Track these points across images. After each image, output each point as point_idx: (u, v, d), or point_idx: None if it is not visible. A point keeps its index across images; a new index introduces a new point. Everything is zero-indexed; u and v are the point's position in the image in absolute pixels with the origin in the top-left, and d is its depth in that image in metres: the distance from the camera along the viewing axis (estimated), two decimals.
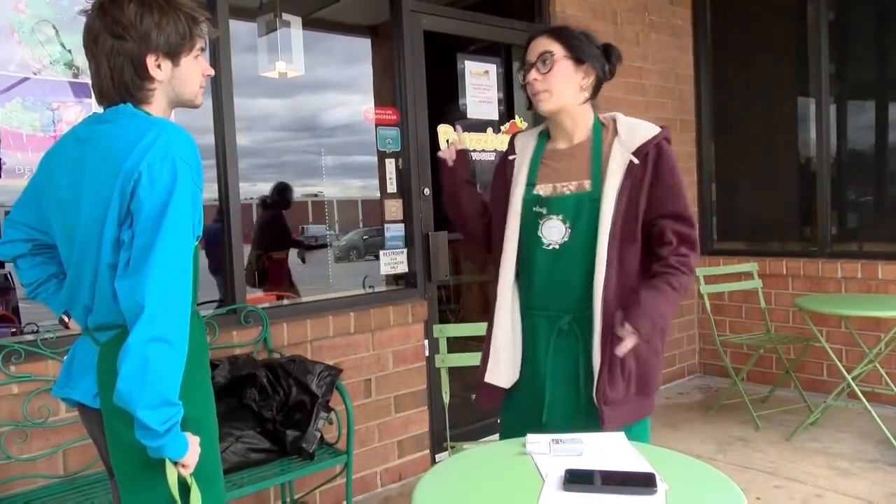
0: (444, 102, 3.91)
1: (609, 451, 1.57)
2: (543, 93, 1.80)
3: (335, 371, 2.74)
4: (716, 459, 3.58)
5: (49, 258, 1.63)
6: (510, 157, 1.95)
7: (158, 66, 1.45)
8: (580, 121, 1.85)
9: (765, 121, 5.04)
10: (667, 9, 4.91)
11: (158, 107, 1.49)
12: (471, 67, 3.92)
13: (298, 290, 4.26)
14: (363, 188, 4.11)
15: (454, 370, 2.80)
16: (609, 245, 1.73)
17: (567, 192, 1.81)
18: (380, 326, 3.36)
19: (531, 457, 1.56)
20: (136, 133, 1.38)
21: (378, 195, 3.67)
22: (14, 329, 2.80)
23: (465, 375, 3.71)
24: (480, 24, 3.96)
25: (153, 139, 1.37)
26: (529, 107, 1.88)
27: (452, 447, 2.79)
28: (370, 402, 3.35)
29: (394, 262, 3.57)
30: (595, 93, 1.86)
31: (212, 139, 2.96)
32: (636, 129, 1.80)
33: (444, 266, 3.67)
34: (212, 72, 1.57)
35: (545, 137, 1.93)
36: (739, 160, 5.13)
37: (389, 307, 3.40)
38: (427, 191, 3.63)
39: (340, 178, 4.23)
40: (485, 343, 1.92)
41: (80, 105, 2.64)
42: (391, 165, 3.59)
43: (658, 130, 1.78)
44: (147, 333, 1.31)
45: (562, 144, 1.88)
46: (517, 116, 4.14)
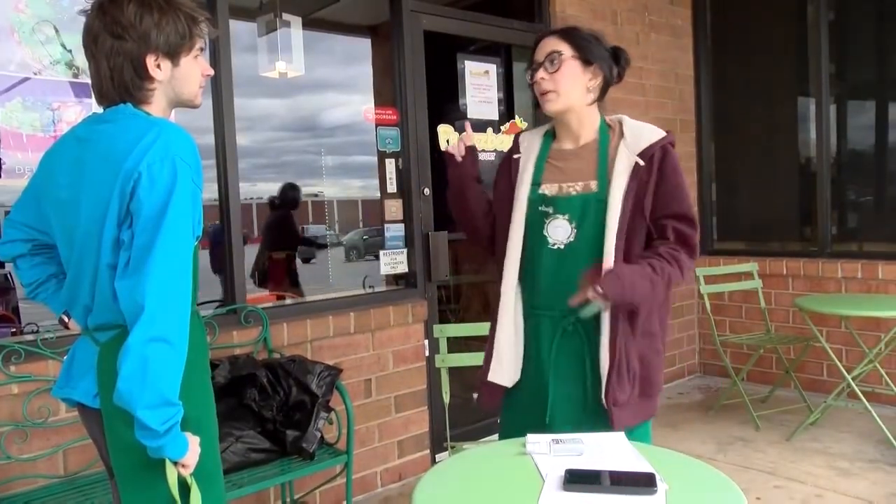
0: (444, 102, 3.91)
1: (609, 451, 1.57)
2: (551, 93, 1.80)
3: (335, 371, 2.74)
4: (716, 459, 3.58)
5: (49, 258, 1.63)
6: (515, 156, 1.95)
7: (158, 66, 1.45)
8: (586, 121, 1.85)
9: (765, 121, 5.04)
10: (667, 9, 4.91)
11: (158, 107, 1.49)
12: (471, 67, 3.92)
13: (302, 291, 4.26)
14: (363, 188, 4.11)
15: (454, 370, 2.80)
16: (615, 246, 1.73)
17: (573, 193, 1.81)
18: (380, 326, 3.36)
19: (531, 457, 1.56)
20: (136, 133, 1.38)
21: (378, 195, 3.67)
22: (14, 329, 2.81)
23: (465, 375, 3.71)
24: (480, 24, 3.96)
25: (153, 139, 1.37)
26: (536, 106, 1.88)
27: (452, 447, 2.79)
28: (370, 402, 3.35)
29: (394, 262, 3.57)
30: (602, 95, 1.86)
31: (212, 139, 2.96)
32: (642, 132, 1.80)
33: (445, 266, 3.67)
34: (211, 72, 1.57)
35: (551, 137, 1.93)
36: (739, 160, 5.13)
37: (389, 307, 3.40)
38: (427, 191, 3.63)
39: (340, 178, 4.23)
40: (487, 342, 1.92)
41: (81, 105, 2.64)
42: (391, 165, 3.59)
43: (664, 134, 1.80)
44: (147, 333, 1.31)
45: (568, 145, 1.88)
46: (517, 116, 4.14)
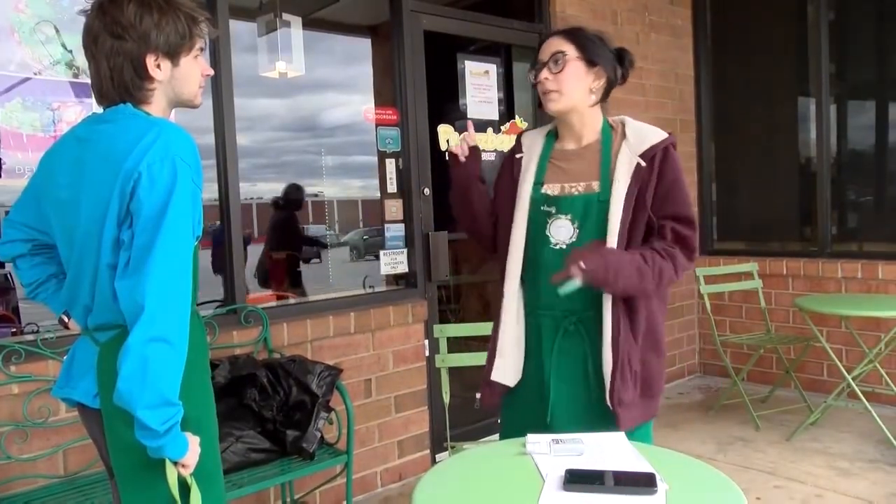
0: (445, 102, 3.91)
1: (609, 451, 1.57)
2: (554, 93, 1.80)
3: (335, 371, 2.74)
4: (716, 459, 3.58)
5: (49, 258, 1.63)
6: (517, 156, 1.95)
7: (158, 66, 1.45)
8: (589, 122, 1.85)
9: (765, 121, 5.04)
10: (667, 9, 4.91)
11: (158, 107, 1.49)
12: (471, 67, 3.92)
13: (305, 290, 4.24)
14: (363, 188, 4.11)
15: (454, 370, 2.80)
16: (617, 246, 1.73)
17: (575, 193, 1.81)
18: (380, 326, 3.36)
19: (531, 457, 1.56)
20: (136, 133, 1.38)
21: (378, 195, 3.67)
22: (14, 329, 2.80)
23: (465, 375, 3.71)
24: (480, 24, 3.96)
25: (153, 139, 1.37)
26: (539, 105, 1.87)
27: (452, 447, 2.79)
28: (370, 402, 3.35)
29: (394, 262, 3.57)
30: (605, 96, 1.86)
31: (212, 139, 2.96)
32: (644, 133, 1.80)
33: (445, 266, 3.67)
34: (211, 72, 1.57)
35: (553, 137, 1.93)
36: (739, 160, 5.13)
37: (390, 307, 3.40)
38: (427, 191, 3.63)
39: (340, 178, 4.22)
40: (490, 341, 1.91)
41: (81, 105, 2.64)
42: (391, 165, 3.59)
43: (666, 135, 1.80)
44: (147, 333, 1.31)
45: (570, 145, 1.88)
46: (517, 116, 4.14)
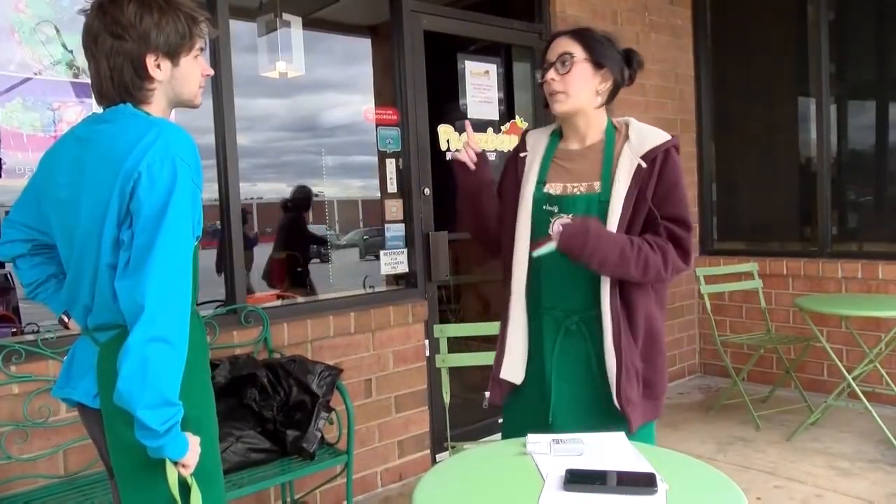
0: (445, 102, 3.91)
1: (609, 451, 1.57)
2: (560, 94, 1.80)
3: (336, 371, 2.74)
4: (716, 459, 3.58)
5: (48, 258, 1.63)
6: (521, 154, 1.94)
7: (158, 66, 1.45)
8: (594, 123, 1.85)
9: (765, 121, 5.04)
10: (667, 9, 4.91)
11: (158, 107, 1.49)
12: (471, 67, 3.92)
13: (315, 290, 4.23)
14: (363, 188, 4.10)
15: (454, 370, 2.80)
16: None
17: (577, 193, 1.81)
18: (380, 326, 3.36)
19: (531, 457, 1.56)
20: (136, 133, 1.38)
21: (378, 195, 3.67)
22: (14, 329, 2.80)
23: (466, 375, 3.71)
24: (480, 24, 3.96)
25: (153, 139, 1.37)
26: (545, 105, 1.87)
27: (453, 447, 2.79)
28: (371, 402, 3.35)
29: (394, 262, 3.57)
30: (611, 97, 1.86)
31: (212, 139, 2.96)
32: (647, 135, 1.80)
33: (445, 266, 3.67)
34: (211, 72, 1.57)
35: (557, 137, 1.93)
36: (740, 160, 5.13)
37: (390, 307, 3.40)
38: (427, 191, 3.63)
39: (341, 178, 4.22)
40: (499, 339, 1.91)
41: (81, 105, 2.64)
42: (391, 165, 3.59)
43: (668, 138, 1.80)
44: (147, 333, 1.31)
45: (574, 145, 1.88)
46: (517, 116, 4.14)
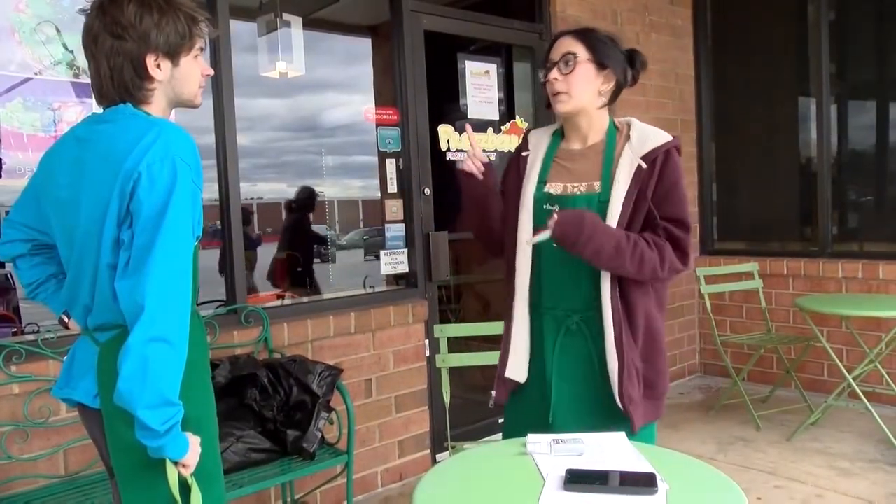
0: (445, 102, 3.91)
1: (610, 451, 1.57)
2: (563, 94, 1.80)
3: (336, 371, 2.74)
4: (716, 459, 3.58)
5: (48, 258, 1.63)
6: (523, 154, 1.95)
7: (158, 66, 1.45)
8: (595, 123, 1.85)
9: (765, 121, 5.04)
10: (667, 9, 4.91)
11: (158, 107, 1.49)
12: (471, 67, 3.92)
13: (320, 289, 4.23)
14: (364, 188, 4.11)
15: (454, 370, 2.79)
16: None
17: (577, 193, 1.81)
18: (380, 326, 3.36)
19: (532, 457, 1.56)
20: (136, 133, 1.38)
21: (378, 195, 3.67)
22: (15, 329, 2.80)
23: (466, 375, 3.71)
24: (481, 24, 3.96)
25: (153, 139, 1.37)
26: (547, 105, 1.87)
27: (453, 447, 2.79)
28: (371, 402, 3.35)
29: (394, 262, 3.57)
30: (614, 98, 1.86)
31: (212, 139, 2.97)
32: (648, 135, 1.80)
33: (445, 266, 3.67)
34: (211, 72, 1.57)
35: (559, 136, 1.93)
36: (740, 160, 5.13)
37: (390, 307, 3.40)
38: (427, 191, 3.63)
39: (341, 178, 4.22)
40: (503, 339, 1.91)
41: (82, 105, 2.64)
42: (392, 165, 3.59)
43: (670, 138, 1.79)
44: (147, 333, 1.31)
45: (576, 145, 1.88)
46: (518, 116, 4.14)
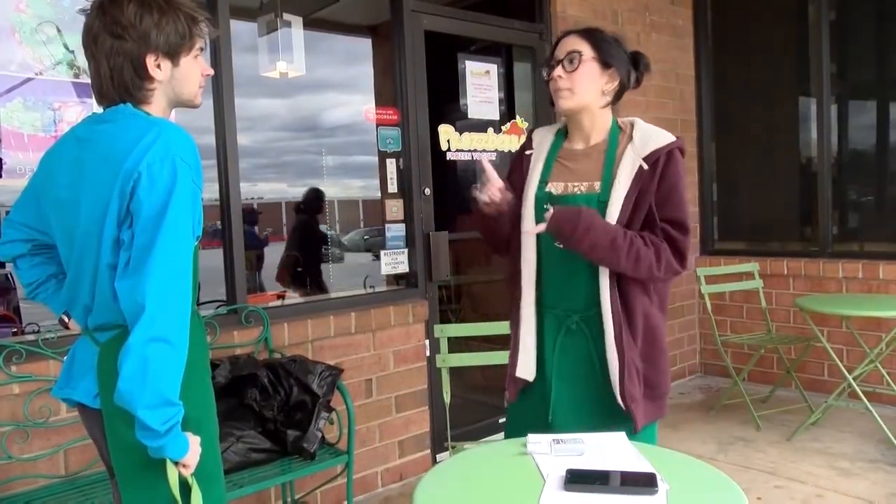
0: (445, 102, 3.91)
1: (610, 451, 1.57)
2: (566, 91, 1.80)
3: (336, 371, 2.74)
4: (717, 459, 3.58)
5: (48, 258, 1.63)
6: (527, 152, 1.95)
7: (158, 66, 1.45)
8: (598, 123, 1.85)
9: (766, 121, 5.03)
10: (667, 9, 4.91)
11: (158, 107, 1.49)
12: (471, 67, 3.92)
13: (327, 289, 4.24)
14: (364, 188, 4.11)
15: (455, 370, 2.79)
16: None
17: (578, 193, 1.81)
18: (381, 326, 3.36)
19: (532, 457, 1.56)
20: (136, 133, 1.38)
21: (379, 195, 3.67)
22: (15, 329, 2.81)
23: (466, 375, 3.71)
24: (481, 24, 3.96)
25: (153, 139, 1.37)
26: (551, 103, 1.87)
27: (453, 447, 2.79)
28: (371, 402, 3.35)
29: (395, 262, 3.57)
30: (617, 98, 1.86)
31: (212, 139, 2.97)
32: (650, 136, 1.80)
33: (445, 266, 3.67)
34: (211, 71, 1.57)
35: (562, 136, 1.93)
36: (740, 160, 5.13)
37: (390, 307, 3.40)
38: (428, 191, 3.63)
39: (341, 178, 4.23)
40: (512, 339, 1.91)
41: (82, 105, 2.65)
42: (392, 165, 3.59)
43: (673, 139, 1.79)
44: (147, 333, 1.31)
45: (578, 145, 1.88)
46: (518, 116, 4.14)
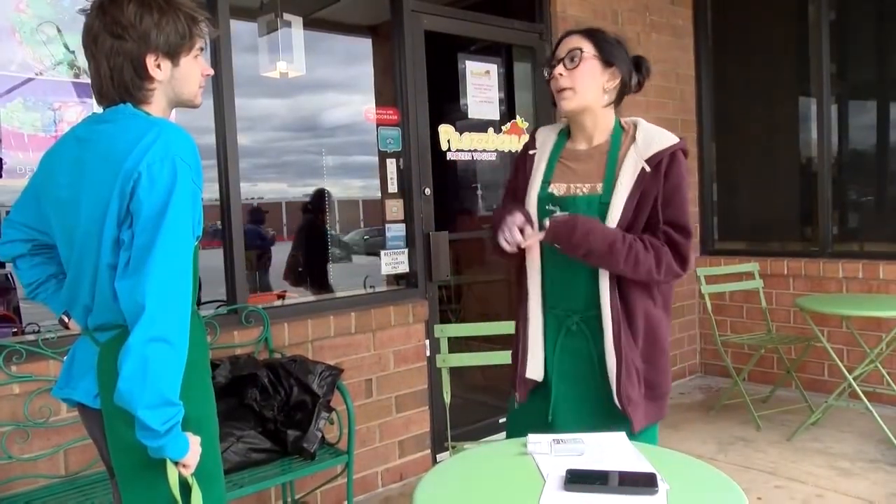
0: (445, 102, 3.91)
1: (610, 451, 1.57)
2: (568, 90, 1.79)
3: (336, 371, 2.74)
4: (717, 459, 3.58)
5: (48, 258, 1.63)
6: (531, 152, 1.94)
7: (158, 66, 1.45)
8: (601, 123, 1.84)
9: (766, 121, 5.03)
10: (668, 9, 4.91)
11: (158, 107, 1.49)
12: (472, 67, 3.92)
13: (332, 288, 4.23)
14: (364, 188, 4.11)
15: (455, 370, 2.79)
16: None
17: (580, 194, 1.81)
18: (381, 326, 3.36)
19: (532, 457, 1.56)
20: (136, 133, 1.39)
21: (379, 195, 3.67)
22: (15, 329, 2.81)
23: (466, 375, 3.71)
24: (481, 24, 3.96)
25: (153, 139, 1.37)
26: (553, 104, 1.86)
27: (453, 447, 2.79)
28: (371, 402, 3.35)
29: (395, 262, 3.57)
30: (619, 99, 1.85)
31: (212, 139, 2.97)
32: (653, 137, 1.78)
33: (445, 266, 3.67)
34: (211, 71, 1.57)
35: (565, 136, 1.92)
36: (740, 160, 5.13)
37: (390, 307, 3.40)
38: (428, 191, 3.63)
39: (341, 178, 4.23)
40: (520, 340, 1.90)
41: (82, 105, 2.65)
42: (392, 165, 3.59)
43: (675, 141, 1.77)
44: (147, 333, 1.31)
45: (581, 145, 1.88)
46: (518, 116, 4.14)
